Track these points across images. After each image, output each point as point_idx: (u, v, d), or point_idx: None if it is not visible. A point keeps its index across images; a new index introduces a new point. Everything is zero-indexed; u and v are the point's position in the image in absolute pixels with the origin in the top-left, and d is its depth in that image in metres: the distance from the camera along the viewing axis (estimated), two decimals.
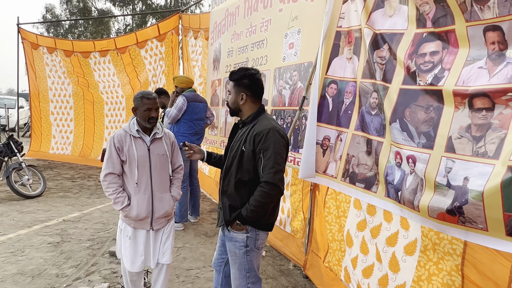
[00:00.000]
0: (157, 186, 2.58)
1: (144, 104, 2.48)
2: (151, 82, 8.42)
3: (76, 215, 5.21)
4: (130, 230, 2.55)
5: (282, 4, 4.17)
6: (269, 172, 2.06)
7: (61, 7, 26.40)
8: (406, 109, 2.36)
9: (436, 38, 2.27)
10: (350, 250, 3.00)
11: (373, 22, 2.78)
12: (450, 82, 2.09)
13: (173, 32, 7.83)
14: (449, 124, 2.07)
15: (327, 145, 3.24)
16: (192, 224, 4.97)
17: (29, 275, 3.34)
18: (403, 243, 2.45)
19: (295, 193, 3.96)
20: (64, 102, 9.50)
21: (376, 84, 2.65)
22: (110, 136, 2.56)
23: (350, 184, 2.93)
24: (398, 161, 2.40)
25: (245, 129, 2.25)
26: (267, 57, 4.46)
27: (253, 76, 2.22)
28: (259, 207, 2.10)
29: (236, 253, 2.25)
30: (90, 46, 8.76)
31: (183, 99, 4.55)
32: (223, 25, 5.79)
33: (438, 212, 2.02)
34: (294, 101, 3.93)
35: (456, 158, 2.00)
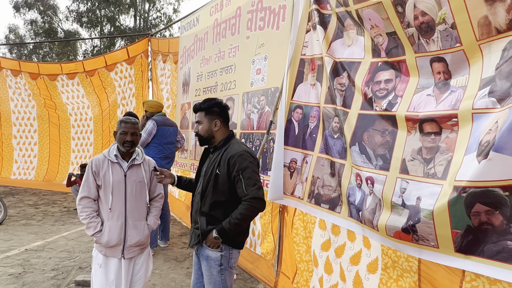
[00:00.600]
0: (131, 213, 2.54)
1: (121, 127, 2.52)
2: (120, 104, 8.35)
3: (39, 243, 5.01)
4: (101, 258, 2.51)
5: (249, 32, 4.33)
6: (253, 189, 2.19)
7: (26, 28, 25.79)
8: (365, 133, 2.50)
9: (390, 67, 2.45)
10: (317, 270, 3.07)
11: (334, 51, 2.96)
12: (402, 108, 2.25)
13: (142, 55, 7.87)
14: (403, 147, 2.22)
15: (294, 167, 3.34)
16: (162, 249, 4.89)
17: None
18: (366, 262, 2.54)
19: (264, 215, 4.02)
20: (28, 125, 9.20)
21: (337, 109, 2.80)
22: (89, 160, 2.54)
23: (316, 205, 3.03)
24: (359, 182, 2.52)
25: (216, 153, 2.38)
26: (236, 82, 4.58)
27: (221, 104, 2.41)
28: (243, 220, 2.21)
29: (212, 272, 2.32)
30: (57, 69, 8.61)
31: (153, 123, 4.57)
32: (192, 50, 5.89)
33: (394, 231, 2.14)
34: (262, 125, 4.04)
35: (409, 179, 2.15)
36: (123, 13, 25.03)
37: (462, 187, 1.77)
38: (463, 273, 1.91)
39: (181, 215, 6.39)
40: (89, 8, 24.44)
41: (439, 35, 2.06)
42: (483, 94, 1.86)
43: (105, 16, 24.64)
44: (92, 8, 24.42)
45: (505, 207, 1.70)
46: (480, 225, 1.79)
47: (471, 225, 1.81)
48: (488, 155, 1.66)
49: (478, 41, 1.92)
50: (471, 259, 1.82)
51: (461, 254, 1.86)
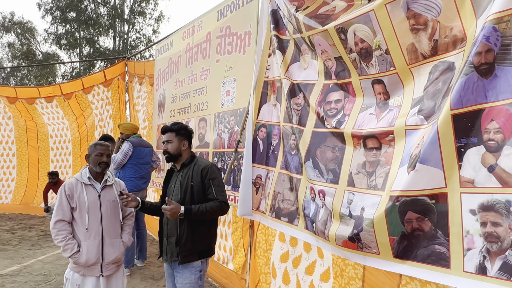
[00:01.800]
0: (108, 231, 2.67)
1: (96, 149, 2.69)
2: (97, 126, 8.42)
3: (15, 268, 5.00)
4: (78, 278, 2.59)
5: (219, 55, 4.55)
6: (221, 195, 2.63)
7: (3, 51, 25.62)
8: (317, 149, 2.71)
9: (340, 88, 2.68)
10: (275, 281, 3.22)
11: (291, 73, 3.19)
12: (349, 126, 2.47)
13: (119, 78, 8.01)
14: (350, 162, 2.43)
15: (259, 183, 3.52)
16: (139, 268, 4.95)
17: None
18: (320, 271, 2.71)
19: (236, 231, 4.16)
20: (7, 149, 9.14)
21: (294, 127, 3.01)
22: (61, 185, 2.65)
23: (276, 218, 3.21)
24: (313, 196, 2.71)
25: (186, 169, 2.69)
26: (207, 103, 4.78)
27: (187, 128, 2.78)
28: (208, 213, 2.54)
29: (191, 279, 2.56)
30: (35, 93, 8.65)
31: (128, 144, 4.70)
32: (166, 73, 6.09)
33: (342, 240, 2.32)
34: (232, 144, 4.22)
35: (355, 191, 2.35)
36: (102, 35, 25.13)
37: (396, 196, 1.97)
38: (400, 277, 2.09)
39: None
40: (67, 30, 24.48)
41: (376, 59, 2.31)
42: (414, 112, 2.09)
43: (84, 38, 24.69)
44: (71, 30, 24.47)
45: (433, 214, 1.90)
46: (412, 231, 1.98)
47: (405, 231, 2.00)
48: (415, 166, 1.88)
49: (409, 65, 2.16)
50: (407, 264, 2.01)
51: (398, 259, 2.04)
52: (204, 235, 2.64)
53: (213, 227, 2.73)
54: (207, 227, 2.65)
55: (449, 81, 1.93)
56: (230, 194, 4.19)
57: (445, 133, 1.80)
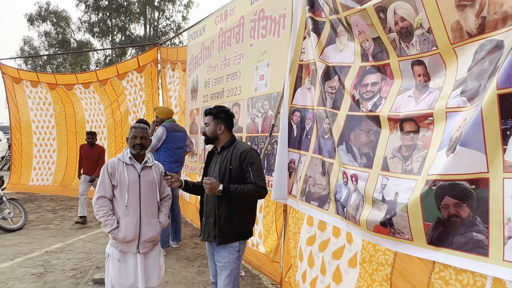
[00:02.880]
0: (145, 210, 2.79)
1: (131, 132, 2.83)
2: (131, 112, 8.65)
3: (58, 246, 5.28)
4: (118, 253, 2.73)
5: (252, 40, 4.54)
6: (260, 180, 2.65)
7: (39, 39, 26.57)
8: (351, 132, 2.67)
9: (377, 70, 2.61)
10: (301, 264, 3.24)
11: (326, 56, 3.13)
12: (385, 109, 2.41)
13: (152, 64, 8.15)
14: (385, 146, 2.37)
15: (292, 167, 3.53)
16: (174, 249, 5.11)
17: None
18: (348, 257, 2.69)
19: (268, 215, 4.21)
20: (48, 133, 9.60)
21: (327, 111, 2.98)
22: (104, 164, 2.79)
23: (306, 202, 3.21)
24: (345, 180, 2.69)
25: (225, 152, 2.74)
26: (241, 88, 4.79)
27: (228, 112, 2.81)
28: (246, 195, 2.60)
29: (229, 259, 2.65)
30: (73, 79, 8.98)
31: (162, 129, 4.81)
32: (199, 58, 6.14)
33: (374, 225, 2.29)
34: (266, 128, 4.23)
35: (389, 176, 2.29)
36: (133, 22, 25.57)
37: (432, 181, 1.91)
38: (433, 264, 2.03)
39: (192, 217, 6.62)
40: (100, 19, 25.05)
41: (417, 39, 2.22)
42: (456, 94, 2.01)
43: (116, 26, 25.21)
44: (103, 18, 25.03)
45: (472, 200, 1.82)
46: (449, 217, 1.91)
47: (441, 217, 1.93)
48: (455, 149, 1.81)
49: (453, 45, 2.07)
50: (442, 251, 1.94)
51: (433, 246, 1.98)
52: (242, 217, 2.70)
53: (251, 210, 2.78)
54: (245, 209, 2.70)
55: (497, 61, 1.83)
56: None
57: (489, 114, 1.71)
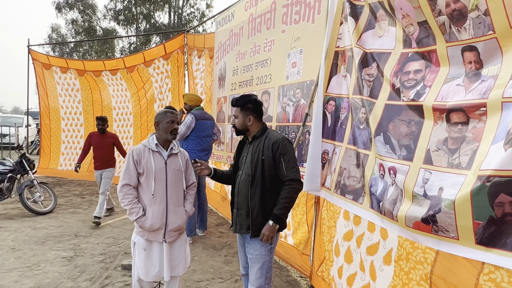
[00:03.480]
0: (172, 199, 2.72)
1: (167, 117, 2.72)
2: (157, 99, 8.66)
3: (87, 230, 5.36)
4: (144, 242, 2.67)
5: (285, 26, 4.39)
6: (292, 171, 2.53)
7: (67, 27, 27.02)
8: (390, 123, 2.51)
9: (420, 57, 2.43)
10: (338, 259, 3.13)
11: (364, 42, 2.96)
12: (430, 98, 2.24)
13: (178, 51, 8.10)
14: (428, 138, 2.21)
15: (326, 158, 3.41)
16: (200, 237, 5.10)
17: None
18: (383, 253, 2.56)
19: (298, 206, 4.10)
20: (75, 119, 9.76)
21: (364, 100, 2.83)
22: (129, 150, 2.71)
23: (341, 195, 3.09)
24: (382, 173, 2.54)
25: (257, 142, 2.64)
26: (271, 76, 4.67)
27: (256, 101, 2.68)
28: (290, 203, 2.54)
29: (262, 251, 2.58)
30: (101, 66, 9.06)
31: (191, 117, 4.75)
32: (227, 45, 6.03)
33: (414, 221, 2.14)
34: (297, 118, 4.11)
35: (433, 170, 2.14)
36: (158, 10, 25.63)
37: (486, 176, 1.75)
38: (482, 265, 1.88)
39: (217, 205, 6.60)
40: (125, 6, 25.23)
41: (471, 22, 2.04)
42: None
43: (140, 13, 25.34)
44: (128, 6, 25.19)
45: None
46: (503, 216, 1.75)
47: (494, 216, 1.77)
48: None
49: None
50: (493, 252, 1.78)
51: (482, 246, 1.83)
52: None
53: None
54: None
55: None
56: None
57: None
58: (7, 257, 4.20)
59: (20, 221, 5.73)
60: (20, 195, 5.96)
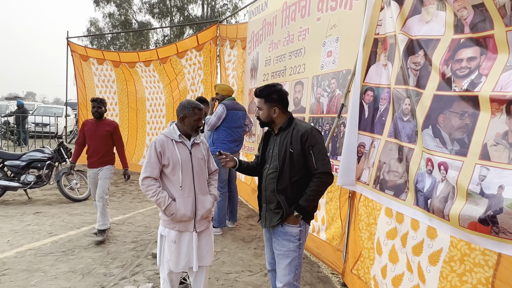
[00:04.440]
0: (199, 188, 2.67)
1: (195, 114, 2.63)
2: (190, 90, 8.68)
3: (120, 218, 5.46)
4: (174, 234, 2.61)
5: (320, 13, 4.22)
6: (322, 163, 2.38)
7: (104, 21, 27.78)
8: (440, 115, 2.34)
9: (474, 43, 2.24)
10: (380, 258, 2.98)
11: (409, 28, 2.78)
12: (487, 88, 2.05)
13: (211, 42, 8.06)
14: (485, 131, 2.03)
15: (362, 152, 3.25)
16: (230, 229, 5.07)
17: (79, 273, 3.56)
18: (428, 253, 2.41)
19: (331, 201, 3.96)
20: (111, 110, 9.99)
21: (409, 90, 2.65)
22: (150, 142, 2.65)
23: (380, 191, 2.93)
24: (429, 168, 2.37)
25: (284, 134, 2.50)
26: (305, 65, 4.52)
27: (281, 91, 2.53)
28: (317, 196, 2.41)
29: (290, 247, 2.47)
30: (135, 57, 9.19)
31: (222, 107, 4.69)
32: (260, 35, 5.91)
33: (469, 222, 1.98)
34: (332, 109, 3.95)
35: (491, 166, 1.96)
36: (191, 3, 25.82)
37: None
38: None
39: (247, 197, 6.55)
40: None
41: None
42: None
43: (174, 6, 25.62)
44: None
45: None
46: None
47: None
48: None
49: None
50: None
51: None
52: None
53: None
54: None
55: None
56: None
57: None
58: (45, 242, 4.34)
59: (58, 207, 5.94)
60: (58, 182, 6.17)
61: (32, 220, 5.13)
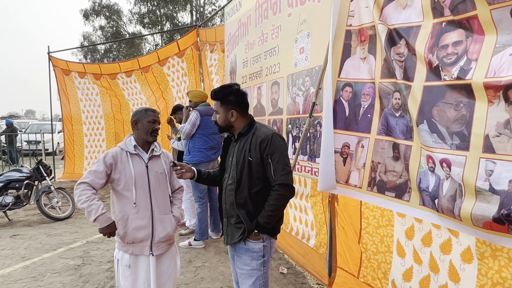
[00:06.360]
0: (157, 206, 2.41)
1: (148, 115, 2.41)
2: (176, 98, 8.46)
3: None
4: (128, 258, 2.36)
5: (291, 9, 4.00)
6: (281, 174, 2.12)
7: (95, 34, 27.68)
8: (434, 108, 2.13)
9: (457, 26, 2.04)
10: (403, 260, 2.75)
11: (386, 17, 2.57)
12: (479, 74, 1.85)
13: (192, 47, 7.85)
14: (484, 121, 1.84)
15: (347, 152, 3.00)
16: (214, 241, 4.82)
17: None
18: (459, 250, 2.21)
19: (315, 205, 3.72)
20: (96, 123, 9.79)
21: (398, 84, 2.43)
22: (103, 153, 2.41)
23: (379, 193, 2.70)
24: (431, 166, 2.17)
25: (243, 140, 2.25)
26: (280, 65, 4.29)
27: (238, 92, 2.27)
28: (277, 211, 2.15)
29: (252, 265, 2.21)
30: (116, 68, 8.97)
31: (196, 113, 4.47)
32: (237, 36, 5.69)
33: (483, 221, 1.80)
34: (308, 108, 3.70)
35: (497, 159, 1.77)
36: (180, 11, 25.72)
37: None
38: None
39: None
40: (149, 9, 25.49)
41: None
42: None
43: (164, 15, 25.52)
44: (152, 9, 25.44)
45: None
46: None
47: None
48: None
49: None
50: None
51: None
52: None
53: None
54: None
55: None
56: (306, 165, 3.73)
57: None
58: (16, 267, 4.10)
59: (37, 228, 5.70)
60: (38, 202, 5.94)
61: (7, 244, 4.89)
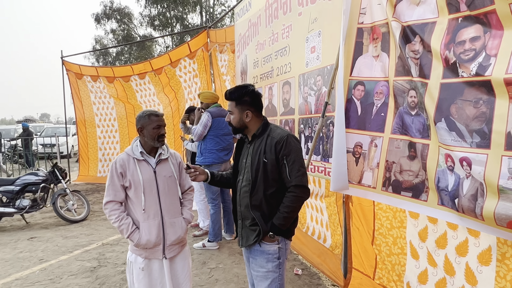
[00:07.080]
0: (167, 210, 2.42)
1: (152, 121, 2.39)
2: (187, 99, 8.50)
3: (115, 238, 5.27)
4: (141, 261, 2.38)
5: (301, 8, 3.97)
6: (296, 175, 2.13)
7: (107, 37, 28.00)
8: (452, 105, 2.08)
9: (475, 22, 1.99)
10: (418, 263, 2.71)
11: (399, 14, 2.52)
12: (499, 70, 1.80)
13: (203, 49, 7.87)
14: (506, 118, 1.79)
15: (359, 152, 2.96)
16: (227, 242, 4.82)
17: None
18: (476, 252, 2.16)
19: (330, 206, 3.69)
20: (110, 126, 9.89)
21: (413, 82, 2.38)
22: (112, 162, 2.44)
23: (394, 193, 2.65)
24: (450, 165, 2.12)
25: (258, 142, 2.25)
26: (291, 64, 4.26)
27: (253, 92, 2.27)
28: (292, 213, 2.15)
29: (268, 267, 2.21)
30: (129, 71, 9.05)
31: (207, 115, 4.47)
32: (247, 37, 5.68)
33: (507, 221, 1.76)
34: (320, 108, 3.67)
35: None
36: (190, 12, 25.82)
37: None
38: None
39: None
40: (159, 11, 25.67)
41: None
42: None
43: (174, 17, 25.66)
44: (162, 11, 25.61)
45: None
46: None
47: None
48: None
49: None
50: None
51: None
52: None
53: None
54: None
55: None
56: (319, 166, 3.70)
57: None
58: (34, 269, 4.17)
59: (54, 230, 5.79)
60: (54, 204, 6.03)
61: (25, 247, 4.98)
